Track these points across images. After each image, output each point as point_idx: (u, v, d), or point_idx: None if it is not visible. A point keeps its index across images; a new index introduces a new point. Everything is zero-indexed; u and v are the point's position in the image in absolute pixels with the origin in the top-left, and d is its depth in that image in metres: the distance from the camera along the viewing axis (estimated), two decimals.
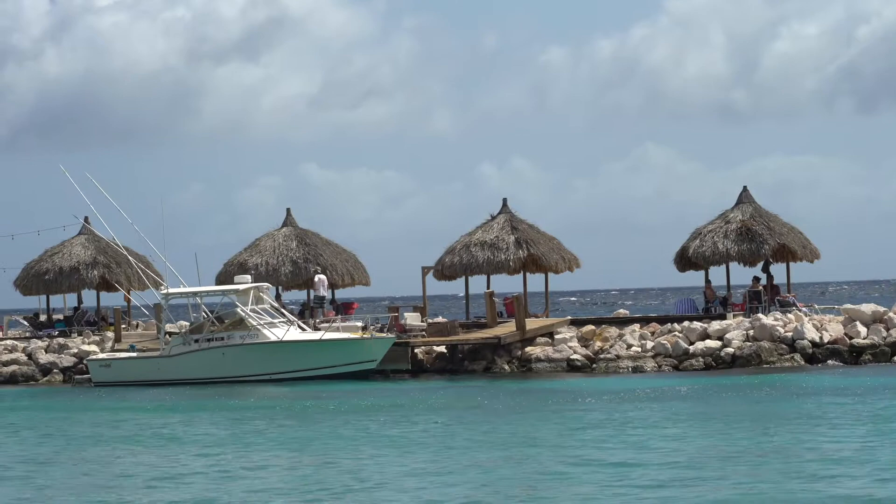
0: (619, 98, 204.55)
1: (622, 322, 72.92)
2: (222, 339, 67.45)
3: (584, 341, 69.12)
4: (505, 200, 75.72)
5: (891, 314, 69.20)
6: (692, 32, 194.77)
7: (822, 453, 35.93)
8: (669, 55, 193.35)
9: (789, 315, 69.09)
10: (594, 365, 67.57)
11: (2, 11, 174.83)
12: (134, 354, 70.18)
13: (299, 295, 78.41)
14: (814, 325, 67.83)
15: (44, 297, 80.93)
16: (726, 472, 33.28)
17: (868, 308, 70.16)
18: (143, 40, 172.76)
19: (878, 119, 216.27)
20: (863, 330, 67.57)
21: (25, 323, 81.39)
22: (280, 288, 75.37)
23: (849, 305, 72.41)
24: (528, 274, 74.63)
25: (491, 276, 74.68)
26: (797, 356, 65.88)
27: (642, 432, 42.31)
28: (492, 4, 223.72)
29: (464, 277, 74.92)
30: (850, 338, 67.20)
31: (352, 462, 37.91)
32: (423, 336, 69.76)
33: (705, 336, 67.81)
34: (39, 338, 76.33)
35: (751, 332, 67.16)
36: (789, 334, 66.81)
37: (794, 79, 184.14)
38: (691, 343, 67.50)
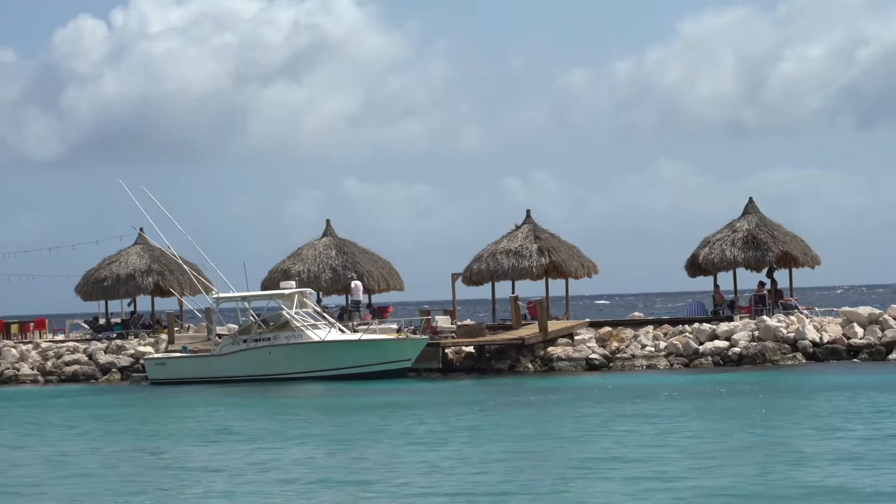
0: (634, 116, 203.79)
1: (637, 324, 72.80)
2: (269, 339, 67.45)
3: (602, 342, 69.03)
4: (528, 212, 75.57)
5: (886, 316, 69.14)
6: (703, 55, 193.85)
7: (821, 446, 36.01)
8: (682, 76, 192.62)
9: (792, 317, 69.13)
10: (611, 364, 67.56)
11: (64, 38, 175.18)
12: (187, 354, 70.22)
13: (338, 299, 78.27)
14: (814, 327, 67.82)
15: (102, 303, 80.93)
16: (735, 462, 33.33)
17: (865, 310, 70.13)
18: (194, 64, 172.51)
19: (877, 135, 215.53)
20: (860, 331, 67.55)
21: (86, 326, 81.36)
22: (321, 293, 75.22)
23: (847, 308, 72.37)
24: (549, 279, 74.56)
25: (515, 282, 74.66)
26: (799, 355, 65.93)
27: (658, 426, 42.34)
28: (517, 29, 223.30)
29: (490, 283, 74.73)
30: (848, 338, 67.23)
31: (388, 453, 38.13)
32: (453, 337, 69.76)
33: (714, 337, 67.77)
34: (99, 340, 76.36)
35: (756, 333, 67.13)
36: (792, 335, 66.83)
37: (798, 98, 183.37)
38: (701, 343, 67.48)
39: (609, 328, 71.48)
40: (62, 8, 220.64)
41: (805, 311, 71.03)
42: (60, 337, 79.08)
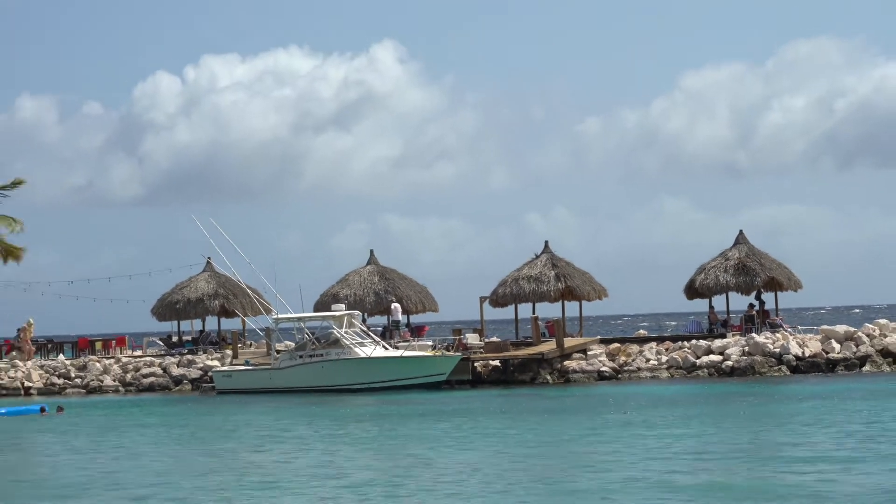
0: (641, 159, 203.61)
1: (642, 341, 73.50)
2: (321, 355, 67.84)
3: (611, 356, 69.69)
4: (546, 243, 75.95)
5: (860, 333, 69.66)
6: (702, 105, 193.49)
7: (802, 447, 36.58)
8: (683, 124, 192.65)
9: (777, 334, 69.49)
10: (619, 375, 68.25)
11: (143, 92, 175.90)
12: (249, 367, 70.43)
13: (381, 320, 78.94)
14: (797, 343, 68.18)
15: (175, 323, 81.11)
16: (726, 461, 34.13)
17: (841, 328, 70.50)
18: (256, 115, 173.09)
19: (854, 175, 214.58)
20: (837, 346, 67.89)
21: (160, 343, 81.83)
22: (365, 314, 74.98)
23: (826, 326, 73.03)
24: (565, 302, 74.52)
25: (535, 304, 75.05)
26: (784, 367, 66.44)
27: (660, 430, 42.72)
28: (538, 83, 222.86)
29: (514, 305, 75.04)
30: (827, 353, 67.55)
31: (428, 455, 38.41)
32: (481, 352, 70.03)
33: (709, 352, 68.53)
34: (172, 355, 76.75)
35: (746, 349, 67.73)
36: (777, 350, 67.39)
37: (784, 143, 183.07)
38: (698, 357, 68.17)
39: (618, 344, 72.28)
40: (142, 65, 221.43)
41: (789, 330, 71.24)
42: (138, 352, 79.46)
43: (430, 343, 74.11)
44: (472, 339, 73.60)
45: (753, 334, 69.92)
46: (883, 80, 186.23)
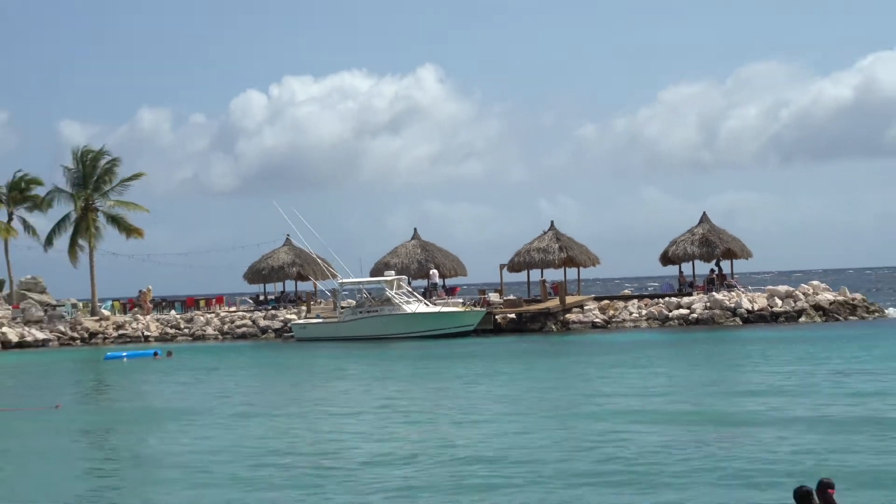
0: (628, 157, 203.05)
1: (626, 298, 73.46)
2: (376, 311, 67.91)
3: (603, 310, 69.76)
4: (552, 222, 75.72)
5: (797, 292, 69.62)
6: (676, 114, 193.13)
7: (753, 380, 36.89)
8: (661, 129, 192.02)
9: (732, 293, 69.52)
10: (609, 325, 68.38)
11: (237, 105, 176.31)
12: (320, 320, 70.52)
13: (422, 282, 78.66)
14: (748, 299, 68.22)
15: (262, 285, 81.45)
16: (693, 391, 34.36)
17: (783, 288, 70.54)
18: (327, 123, 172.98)
19: (793, 169, 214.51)
20: (780, 302, 68.11)
21: (251, 301, 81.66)
22: (410, 278, 74.61)
23: (770, 287, 72.84)
24: (567, 268, 74.34)
25: (543, 270, 74.87)
26: (737, 319, 66.39)
27: (642, 368, 42.73)
28: (547, 96, 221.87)
29: (526, 270, 74.85)
30: (771, 307, 67.73)
31: (458, 386, 39.09)
32: (501, 308, 70.25)
33: (679, 306, 68.53)
34: (259, 310, 77.03)
35: (708, 304, 67.84)
36: (732, 305, 67.41)
37: (739, 144, 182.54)
38: (670, 311, 68.27)
39: (608, 301, 72.28)
40: (236, 83, 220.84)
41: (741, 289, 71.09)
42: (233, 308, 79.60)
43: (461, 300, 74.83)
44: (493, 297, 73.90)
45: (714, 293, 69.98)
46: (817, 94, 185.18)
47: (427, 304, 70.17)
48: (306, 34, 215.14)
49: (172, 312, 79.26)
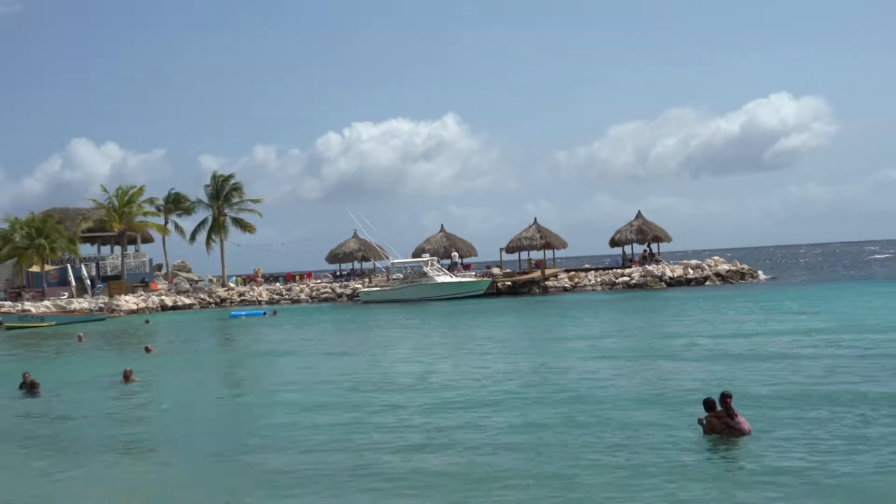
0: (587, 174, 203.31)
1: (586, 270, 72.89)
2: (417, 281, 67.65)
3: (570, 279, 69.30)
4: (535, 219, 74.72)
5: (703, 264, 69.16)
6: (620, 144, 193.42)
7: (676, 326, 36.84)
8: (609, 154, 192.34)
9: (659, 266, 69.39)
10: (575, 288, 68.06)
11: (321, 142, 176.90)
12: (378, 288, 70.15)
13: (447, 262, 78.44)
14: (669, 270, 67.77)
15: (338, 265, 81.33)
16: (635, 334, 34.31)
17: (693, 262, 70.18)
18: (382, 153, 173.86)
19: (700, 181, 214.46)
20: (691, 271, 67.90)
21: (330, 276, 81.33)
22: (438, 258, 74.08)
23: (685, 261, 72.62)
24: (545, 250, 73.92)
25: (530, 251, 74.21)
26: (663, 283, 66.02)
27: (595, 317, 42.92)
28: (530, 133, 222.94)
29: (518, 252, 74.48)
30: (686, 275, 67.21)
31: (474, 331, 38.96)
32: (501, 278, 69.88)
33: (622, 275, 68.05)
34: (337, 282, 76.94)
35: (642, 273, 67.44)
36: (659, 274, 67.04)
37: (663, 164, 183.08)
38: (616, 279, 67.81)
39: (574, 272, 71.99)
40: (320, 128, 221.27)
41: (665, 263, 71.10)
42: (319, 280, 79.01)
43: (473, 273, 74.43)
44: (496, 270, 73.75)
45: (646, 265, 69.83)
46: (716, 129, 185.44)
47: (451, 276, 69.94)
48: (367, 93, 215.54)
49: (277, 284, 79.14)
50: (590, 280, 69.32)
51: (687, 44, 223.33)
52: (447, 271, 71.81)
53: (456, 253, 77.39)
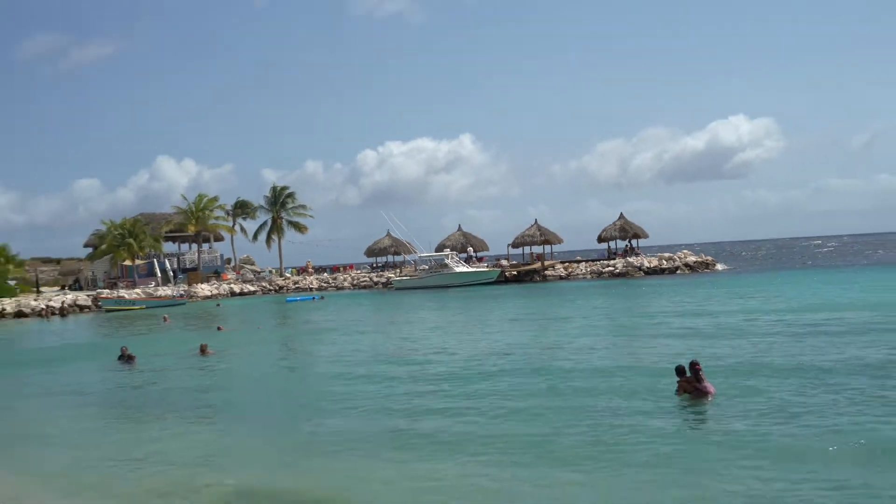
0: (579, 183, 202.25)
1: (578, 262, 72.42)
2: (440, 271, 67.51)
3: (565, 269, 68.88)
4: (536, 220, 74.51)
5: (675, 256, 68.70)
6: (605, 157, 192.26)
7: (653, 307, 36.68)
8: (598, 166, 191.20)
9: (638, 257, 69.09)
10: (569, 276, 67.62)
11: (360, 158, 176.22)
12: (408, 277, 69.58)
13: (464, 256, 78.25)
14: (647, 261, 67.57)
15: (374, 258, 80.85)
16: (620, 314, 34.29)
17: (666, 254, 69.52)
18: (410, 166, 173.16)
19: (672, 187, 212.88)
20: (665, 262, 67.56)
21: (369, 267, 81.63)
22: (456, 252, 73.19)
23: (659, 253, 72.34)
24: (544, 245, 73.38)
25: (532, 246, 73.78)
26: (641, 272, 65.67)
27: (586, 300, 42.65)
28: (534, 148, 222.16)
29: (522, 247, 74.11)
30: (660, 265, 66.92)
31: (486, 312, 38.65)
32: (508, 268, 69.46)
33: (608, 266, 67.73)
34: (373, 272, 76.79)
35: (624, 264, 66.95)
36: (638, 264, 66.52)
37: (641, 173, 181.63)
38: (603, 269, 67.41)
39: (568, 262, 71.71)
40: (359, 146, 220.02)
41: (643, 256, 70.91)
42: (359, 271, 78.82)
43: (486, 264, 73.87)
44: (504, 262, 73.25)
45: (627, 258, 69.52)
46: (685, 145, 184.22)
47: (467, 267, 69.64)
48: (397, 118, 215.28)
49: (324, 274, 79.11)
50: (581, 270, 68.90)
51: (661, 75, 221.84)
52: (464, 263, 71.51)
53: (471, 248, 76.91)
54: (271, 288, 73.34)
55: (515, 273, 68.99)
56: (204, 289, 69.89)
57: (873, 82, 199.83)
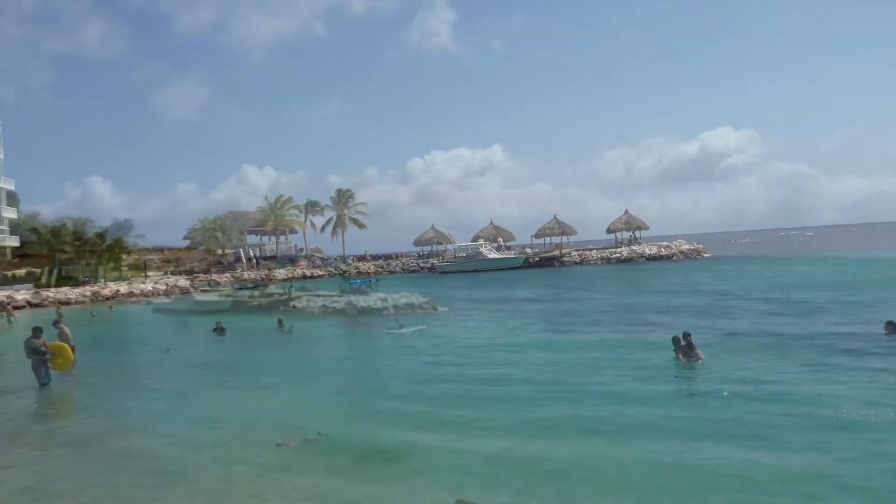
0: (590, 183, 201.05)
1: (590, 250, 71.72)
2: (475, 257, 67.49)
3: (580, 255, 68.24)
4: (555, 214, 74.80)
5: (672, 244, 67.96)
6: (613, 162, 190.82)
7: (654, 288, 36.27)
8: (605, 169, 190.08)
9: (641, 246, 68.75)
10: (583, 262, 67.02)
11: (410, 165, 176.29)
12: (448, 263, 69.76)
13: (494, 245, 77.98)
14: (648, 248, 67.17)
15: (421, 247, 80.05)
16: (624, 295, 34.30)
17: (664, 243, 69.06)
18: (450, 171, 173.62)
19: (669, 188, 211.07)
20: (664, 250, 66.71)
21: (416, 255, 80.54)
22: (489, 242, 73.17)
23: (658, 242, 71.74)
24: (562, 236, 72.95)
25: (551, 237, 73.39)
26: (644, 258, 65.00)
27: (598, 280, 42.63)
28: (553, 156, 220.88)
29: (543, 237, 73.68)
30: (660, 252, 65.95)
31: (513, 292, 38.24)
32: (532, 255, 69.14)
33: (616, 253, 67.18)
34: (420, 259, 76.00)
35: (629, 251, 66.46)
36: (641, 252, 65.98)
37: (644, 175, 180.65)
38: (612, 255, 66.95)
39: (582, 251, 70.92)
40: (408, 155, 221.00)
41: (645, 244, 70.52)
42: (408, 258, 78.08)
43: (513, 252, 73.45)
44: (528, 250, 72.93)
45: (632, 246, 68.94)
46: (680, 151, 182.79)
47: (498, 254, 69.29)
48: (440, 131, 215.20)
49: (380, 261, 79.10)
50: (593, 256, 68.32)
51: (660, 93, 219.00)
52: (495, 251, 71.12)
53: (501, 238, 76.42)
54: (336, 272, 73.73)
55: (538, 259, 68.58)
56: (280, 273, 70.52)
57: (843, 93, 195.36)
